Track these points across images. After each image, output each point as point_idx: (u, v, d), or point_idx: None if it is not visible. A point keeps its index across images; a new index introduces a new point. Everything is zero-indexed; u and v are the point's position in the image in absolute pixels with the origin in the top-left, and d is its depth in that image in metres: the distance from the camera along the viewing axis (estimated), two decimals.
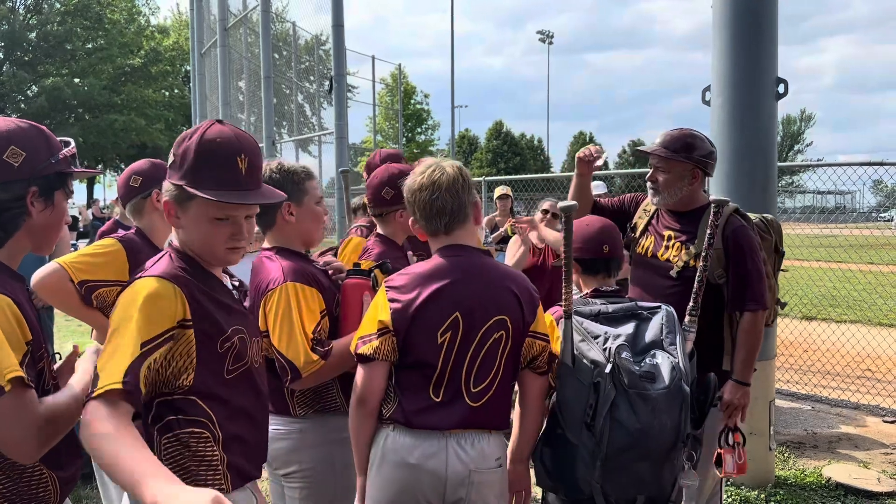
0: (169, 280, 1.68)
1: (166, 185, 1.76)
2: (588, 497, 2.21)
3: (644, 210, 3.27)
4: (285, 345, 2.22)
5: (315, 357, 2.21)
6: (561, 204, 2.29)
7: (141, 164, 2.98)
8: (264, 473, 2.23)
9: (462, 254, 2.20)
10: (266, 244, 2.50)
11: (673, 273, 2.98)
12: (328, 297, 2.37)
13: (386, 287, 2.18)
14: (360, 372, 2.15)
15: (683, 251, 3.00)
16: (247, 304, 2.12)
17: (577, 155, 3.28)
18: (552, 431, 2.30)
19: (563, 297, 2.26)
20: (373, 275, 2.49)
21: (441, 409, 2.11)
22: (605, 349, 2.17)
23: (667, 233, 3.07)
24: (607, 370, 2.12)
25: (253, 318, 1.88)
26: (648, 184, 3.13)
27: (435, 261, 2.21)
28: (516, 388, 2.32)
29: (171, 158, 1.75)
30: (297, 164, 2.49)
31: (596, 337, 2.22)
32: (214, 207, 1.71)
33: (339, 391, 2.41)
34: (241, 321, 1.83)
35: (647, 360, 2.18)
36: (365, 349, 2.11)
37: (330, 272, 2.50)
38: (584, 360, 2.19)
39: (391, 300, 2.14)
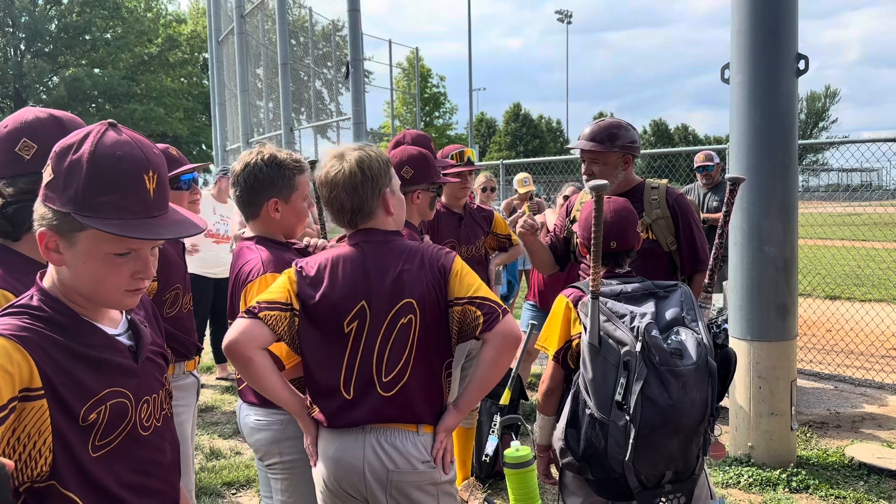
0: (11, 339, 1.27)
1: (41, 211, 1.33)
2: (618, 475, 2.22)
3: (581, 203, 3.38)
4: None
5: None
6: (591, 183, 2.24)
7: None
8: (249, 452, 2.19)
9: (370, 239, 2.14)
10: (248, 232, 2.48)
11: None
12: None
13: (295, 268, 2.11)
14: (239, 321, 2.02)
15: None
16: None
17: (518, 233, 3.34)
18: (577, 412, 2.31)
19: (591, 277, 2.25)
20: None
21: (355, 406, 2.06)
22: (633, 328, 2.19)
23: None
24: (637, 348, 2.13)
25: (151, 369, 1.51)
26: (585, 177, 3.27)
27: (342, 248, 2.15)
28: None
29: (47, 175, 1.33)
30: (290, 157, 2.42)
31: (622, 316, 2.24)
32: (115, 241, 1.33)
33: None
34: (124, 379, 1.42)
35: (673, 338, 2.21)
36: (262, 314, 2.00)
37: (310, 250, 2.47)
38: (610, 340, 2.20)
39: (299, 283, 2.07)
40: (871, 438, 4.80)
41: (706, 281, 2.55)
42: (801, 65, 4.12)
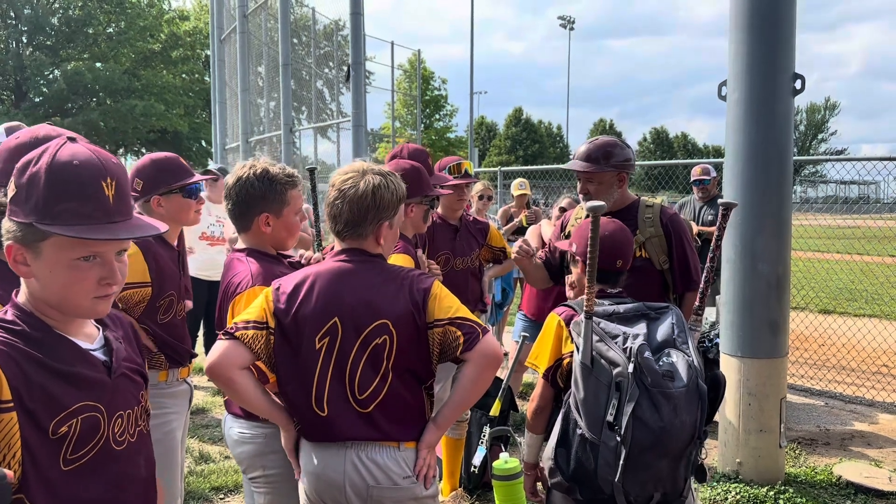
0: None
1: (7, 225, 1.38)
2: (607, 496, 2.22)
3: (577, 219, 3.41)
4: None
5: None
6: (588, 204, 2.25)
7: (143, 163, 2.92)
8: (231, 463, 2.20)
9: (353, 258, 2.16)
10: (240, 244, 2.49)
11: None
12: None
13: (273, 287, 2.14)
14: (218, 343, 2.04)
15: None
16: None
17: (514, 258, 3.43)
18: (567, 432, 2.30)
19: (586, 297, 2.25)
20: None
21: (331, 422, 2.07)
22: (625, 349, 2.19)
23: None
24: (630, 370, 2.14)
25: (126, 385, 1.53)
26: (581, 196, 3.32)
27: (323, 265, 2.18)
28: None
29: (11, 190, 1.38)
30: (282, 171, 2.42)
31: (614, 337, 2.24)
32: (78, 246, 1.37)
33: None
34: (97, 393, 1.44)
35: (664, 360, 2.21)
36: (239, 334, 2.03)
37: (304, 263, 2.49)
38: (602, 360, 2.20)
39: (276, 301, 2.10)
40: (860, 457, 4.82)
41: (696, 304, 2.57)
42: (798, 84, 4.14)
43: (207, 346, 6.68)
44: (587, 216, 2.30)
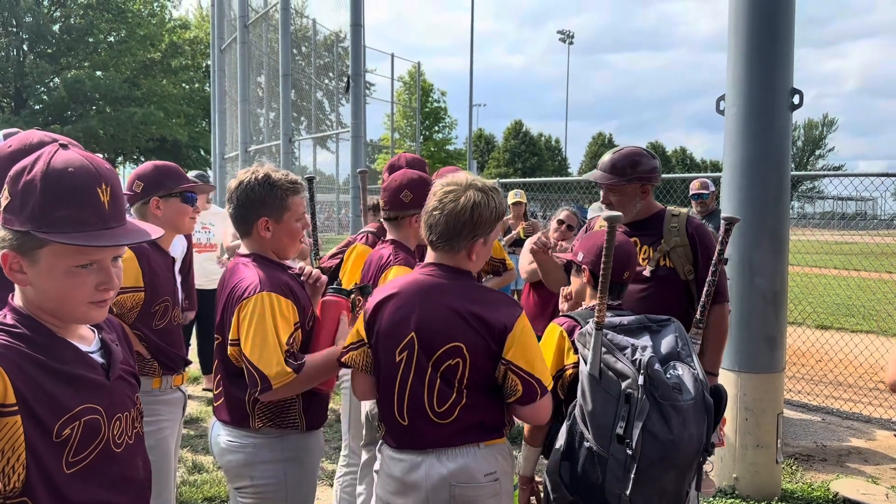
0: None
1: (1, 234, 1.37)
2: None
3: (600, 227, 3.35)
4: (258, 355, 2.19)
5: (288, 370, 2.19)
6: (605, 214, 2.26)
7: (145, 167, 2.98)
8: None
9: (437, 273, 2.17)
10: (243, 249, 2.48)
11: (646, 273, 3.06)
12: (302, 310, 2.35)
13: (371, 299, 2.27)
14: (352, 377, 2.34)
15: (652, 252, 3.11)
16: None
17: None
18: (573, 445, 2.28)
19: (597, 308, 2.23)
20: (352, 296, 2.54)
21: (411, 431, 2.14)
22: (634, 361, 2.17)
23: (631, 240, 3.11)
24: (640, 382, 2.12)
25: (123, 388, 1.55)
26: (604, 206, 3.26)
27: (410, 277, 2.23)
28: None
29: (5, 199, 1.37)
30: (285, 177, 2.41)
31: (623, 349, 2.22)
32: (77, 253, 1.37)
33: (300, 410, 2.37)
34: (97, 395, 1.45)
35: (671, 372, 2.20)
36: (345, 359, 2.27)
37: (303, 278, 2.50)
38: (610, 372, 2.18)
39: (366, 313, 2.22)
40: (857, 473, 4.80)
41: (697, 317, 2.56)
42: (796, 99, 4.16)
43: (201, 355, 6.63)
44: (607, 226, 2.29)
